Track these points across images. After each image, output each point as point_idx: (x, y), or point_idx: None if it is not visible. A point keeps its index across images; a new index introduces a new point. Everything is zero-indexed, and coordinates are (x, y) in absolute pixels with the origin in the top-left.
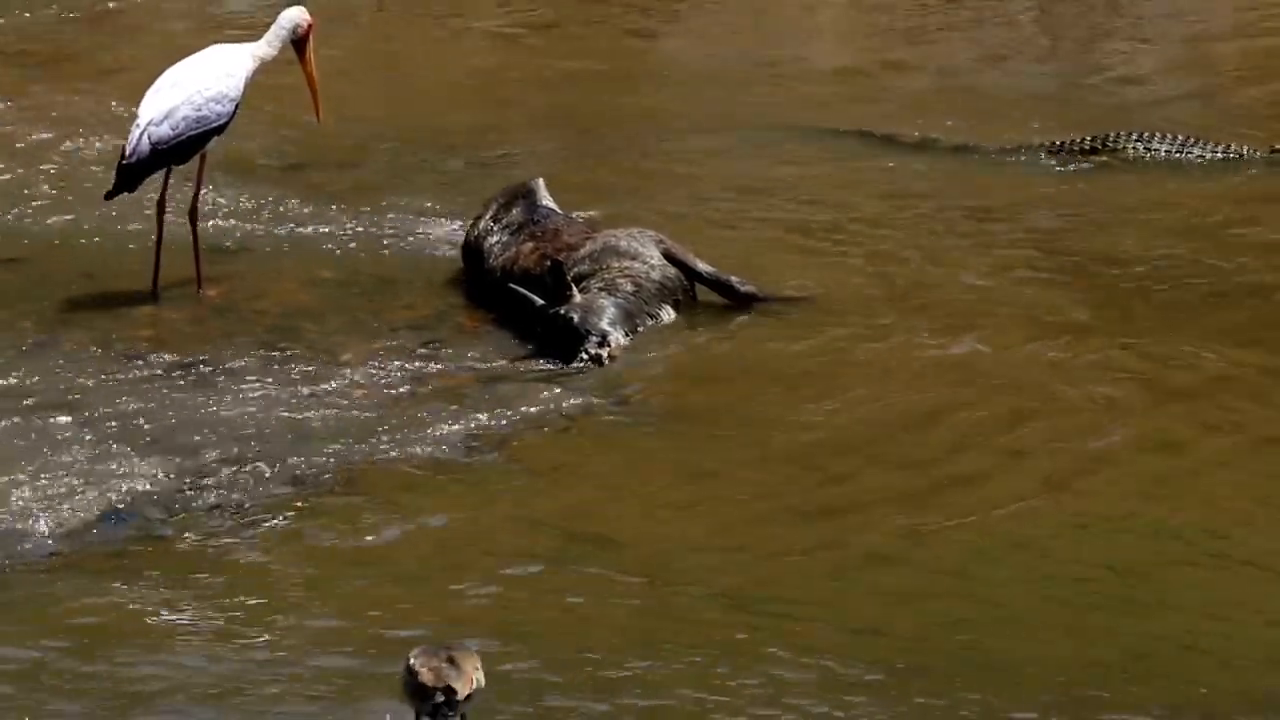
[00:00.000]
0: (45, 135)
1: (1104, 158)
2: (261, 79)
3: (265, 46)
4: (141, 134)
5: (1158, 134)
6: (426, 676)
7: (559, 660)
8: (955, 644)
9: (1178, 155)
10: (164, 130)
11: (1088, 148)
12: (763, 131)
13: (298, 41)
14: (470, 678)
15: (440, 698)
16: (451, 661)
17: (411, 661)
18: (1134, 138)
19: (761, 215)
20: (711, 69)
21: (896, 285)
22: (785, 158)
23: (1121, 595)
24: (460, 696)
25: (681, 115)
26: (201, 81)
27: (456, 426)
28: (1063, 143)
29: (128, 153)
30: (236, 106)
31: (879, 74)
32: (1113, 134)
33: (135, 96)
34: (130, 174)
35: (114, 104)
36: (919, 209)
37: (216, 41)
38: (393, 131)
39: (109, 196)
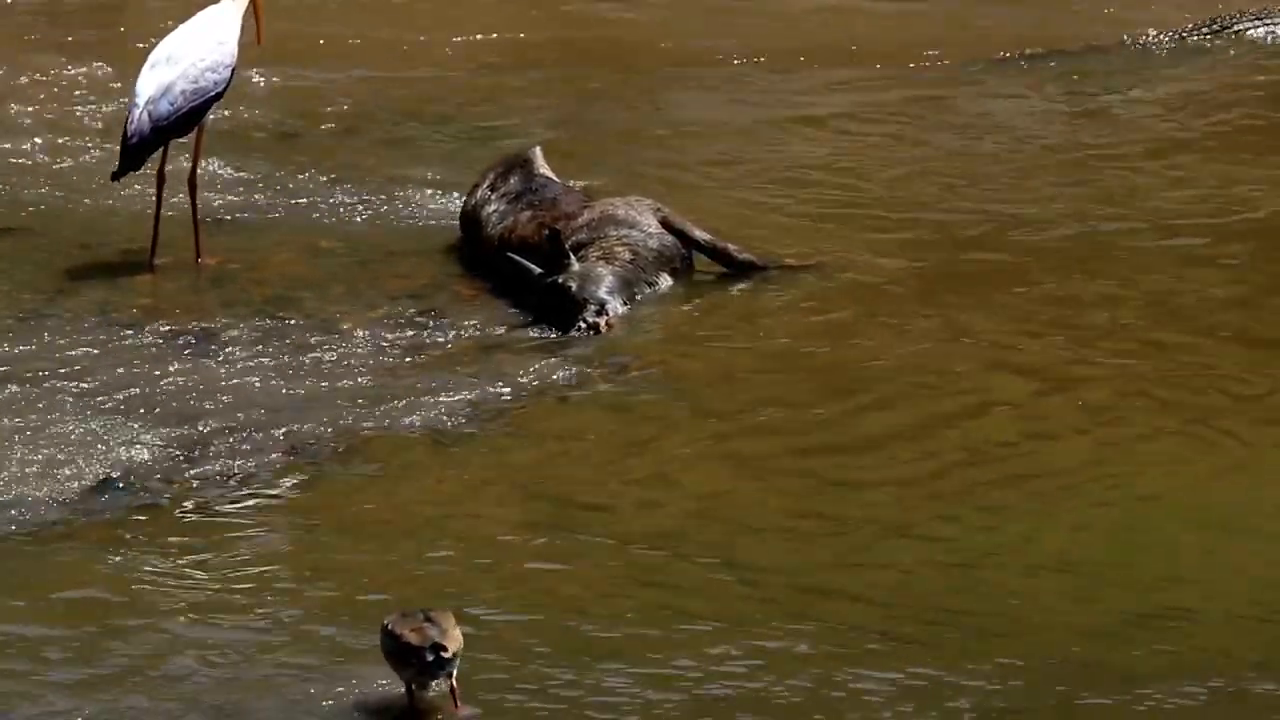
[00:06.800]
0: (40, 103)
1: None
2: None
3: None
4: (141, 113)
5: None
6: (412, 637)
7: (553, 628)
8: (954, 613)
9: None
10: (163, 107)
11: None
12: (762, 97)
13: None
14: (454, 635)
15: (430, 656)
16: (431, 621)
17: (391, 626)
18: None
19: (761, 183)
20: (707, 35)
21: (900, 254)
22: (785, 125)
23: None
24: (450, 653)
25: (679, 82)
26: (195, 53)
27: (454, 395)
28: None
29: (129, 132)
30: (232, 72)
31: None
32: None
33: (131, 63)
34: (134, 153)
35: (110, 71)
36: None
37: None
38: (389, 101)
39: (115, 177)
